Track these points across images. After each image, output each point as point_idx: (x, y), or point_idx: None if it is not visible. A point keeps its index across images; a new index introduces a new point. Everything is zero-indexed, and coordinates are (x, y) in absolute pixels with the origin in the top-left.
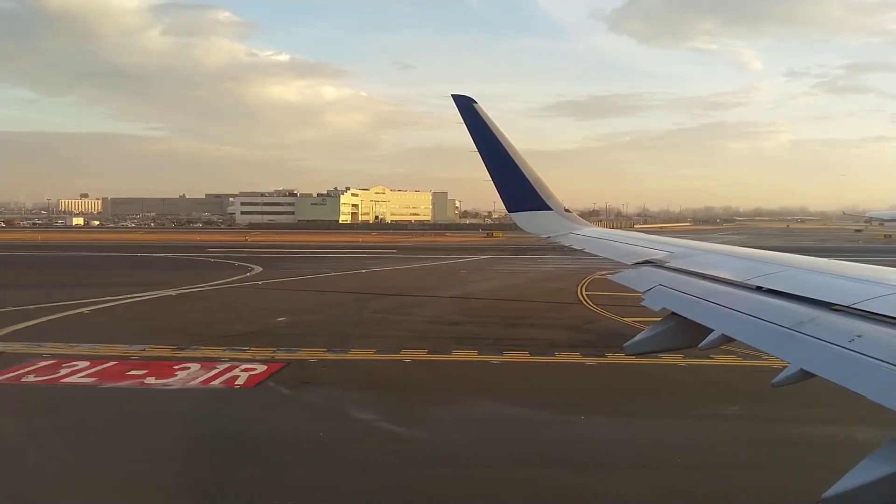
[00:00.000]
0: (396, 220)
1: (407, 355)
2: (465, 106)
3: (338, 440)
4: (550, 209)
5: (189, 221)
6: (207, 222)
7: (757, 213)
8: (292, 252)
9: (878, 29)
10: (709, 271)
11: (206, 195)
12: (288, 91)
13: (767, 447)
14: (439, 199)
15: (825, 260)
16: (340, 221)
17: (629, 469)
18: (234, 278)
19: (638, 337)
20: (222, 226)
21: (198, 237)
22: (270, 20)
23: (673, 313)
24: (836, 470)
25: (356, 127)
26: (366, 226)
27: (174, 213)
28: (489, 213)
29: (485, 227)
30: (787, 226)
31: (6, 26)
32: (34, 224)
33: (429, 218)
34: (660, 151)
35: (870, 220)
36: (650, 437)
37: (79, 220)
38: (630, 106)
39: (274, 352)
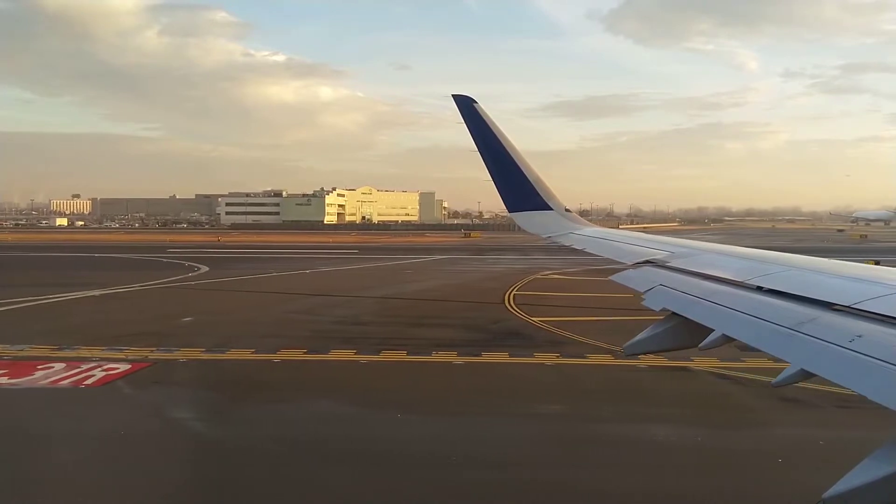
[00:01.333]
0: (383, 221)
1: (283, 356)
2: (466, 106)
3: (132, 438)
4: (551, 209)
5: (175, 222)
6: (194, 223)
7: (749, 213)
8: (255, 252)
9: (874, 29)
10: (709, 271)
11: (196, 195)
12: (284, 91)
13: (558, 445)
14: (426, 199)
15: (826, 260)
16: (326, 222)
17: (387, 466)
18: (173, 278)
19: (638, 337)
20: (206, 226)
21: (170, 238)
22: (267, 20)
23: (673, 313)
24: (624, 468)
25: (353, 127)
26: (350, 226)
27: (163, 213)
28: (479, 213)
29: (466, 228)
30: (773, 226)
31: (2, 26)
32: (16, 225)
33: (416, 218)
34: (656, 152)
35: (856, 220)
36: (449, 436)
37: (62, 221)
38: (627, 106)
39: (151, 352)
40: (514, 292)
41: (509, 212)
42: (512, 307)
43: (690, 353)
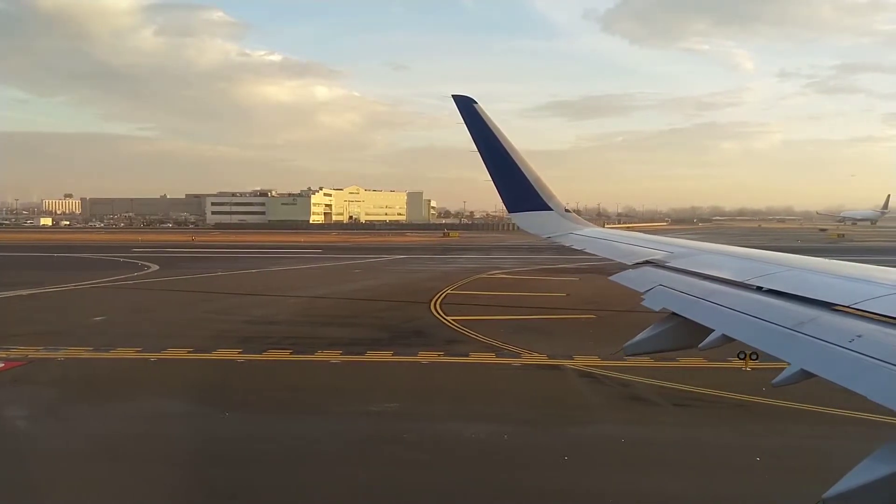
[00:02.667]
0: (371, 220)
1: (167, 355)
2: (466, 106)
3: None
4: (550, 209)
5: (161, 222)
6: (181, 223)
7: (741, 213)
8: (219, 252)
9: (869, 30)
10: (709, 271)
11: (186, 195)
12: (281, 91)
13: (357, 444)
14: (414, 199)
15: (825, 260)
16: (312, 221)
17: (170, 463)
18: (115, 277)
19: (638, 337)
20: (191, 226)
21: (144, 237)
22: (263, 20)
23: (673, 313)
24: (402, 465)
25: (349, 127)
26: (333, 226)
27: (153, 213)
28: (470, 213)
29: (450, 227)
30: (759, 225)
31: None
32: (0, 225)
33: (404, 218)
34: (652, 151)
35: (843, 220)
36: (257, 434)
37: (46, 221)
38: (623, 106)
39: (37, 351)
40: (449, 291)
41: (509, 212)
42: (435, 307)
43: (576, 351)
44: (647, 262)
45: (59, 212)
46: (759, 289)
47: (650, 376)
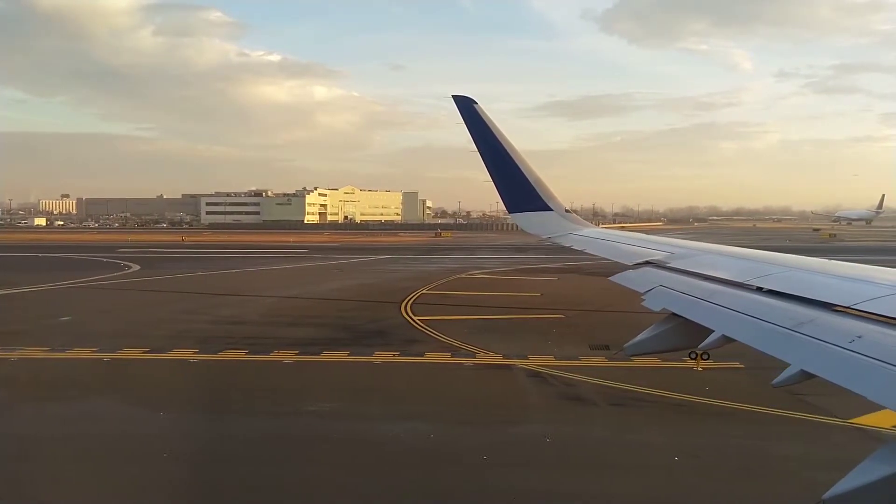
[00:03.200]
0: (366, 220)
1: (122, 354)
2: (466, 106)
3: None
4: (551, 210)
5: (156, 222)
6: (176, 223)
7: (738, 213)
8: (205, 252)
9: (867, 30)
10: (709, 272)
11: (183, 195)
12: (279, 91)
13: (278, 443)
14: (410, 199)
15: (825, 261)
16: (306, 221)
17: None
18: (93, 278)
19: (638, 337)
20: (185, 226)
21: (133, 237)
22: (262, 20)
23: (673, 314)
24: (322, 465)
25: (347, 127)
26: (327, 226)
27: (149, 213)
28: (467, 213)
29: (444, 227)
30: (754, 225)
31: None
32: None
33: (399, 218)
34: (651, 151)
35: (838, 220)
36: (176, 433)
37: (40, 221)
38: (621, 106)
39: None
40: (424, 291)
41: (509, 212)
42: (406, 307)
43: (533, 350)
44: (647, 263)
45: (56, 212)
46: (759, 289)
47: (600, 376)
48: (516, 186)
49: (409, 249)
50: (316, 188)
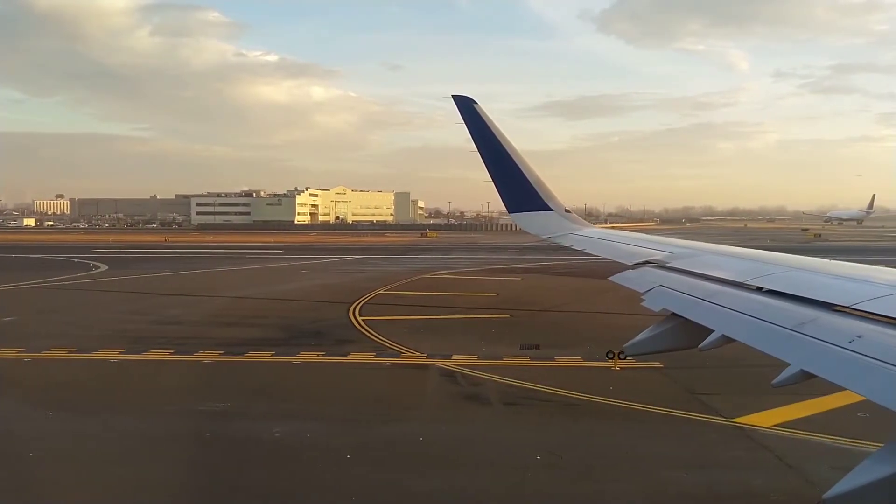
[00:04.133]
0: (357, 221)
1: (46, 355)
2: (466, 106)
3: None
4: (551, 210)
5: (147, 222)
6: (167, 223)
7: (733, 213)
8: (180, 253)
9: (864, 30)
10: (709, 272)
11: (176, 196)
12: (277, 91)
13: (162, 442)
14: (402, 199)
15: (825, 261)
16: (296, 222)
17: None
18: (57, 278)
19: (638, 337)
20: (176, 227)
21: (115, 238)
22: (259, 20)
23: (674, 314)
24: (191, 464)
25: (345, 127)
26: (318, 226)
27: (142, 213)
28: (461, 213)
29: (434, 228)
30: (745, 225)
31: None
32: None
33: (391, 218)
34: (648, 151)
35: (829, 220)
36: (58, 432)
37: (30, 221)
38: (619, 106)
39: None
40: (381, 291)
41: (509, 212)
42: (356, 307)
43: (460, 350)
44: (646, 263)
45: (50, 212)
46: (759, 289)
47: (514, 376)
48: (516, 186)
49: (387, 250)
50: (307, 188)
